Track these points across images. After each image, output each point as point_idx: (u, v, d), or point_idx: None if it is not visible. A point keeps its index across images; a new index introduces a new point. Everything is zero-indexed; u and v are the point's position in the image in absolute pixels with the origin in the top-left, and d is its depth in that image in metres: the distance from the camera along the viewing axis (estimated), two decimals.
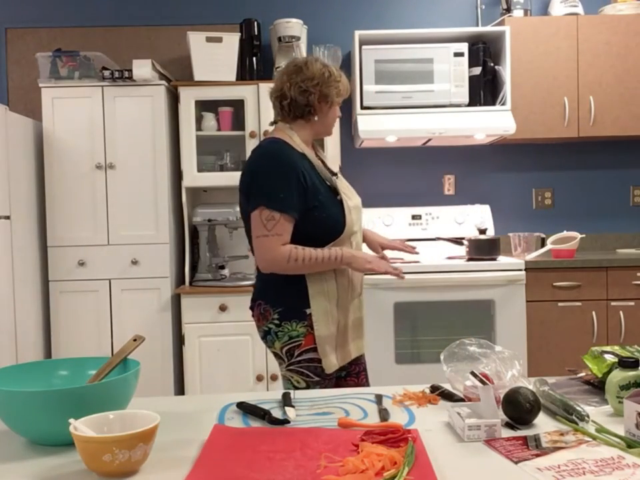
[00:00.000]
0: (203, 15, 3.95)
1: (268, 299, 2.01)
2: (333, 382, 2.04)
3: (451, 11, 4.01)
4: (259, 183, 1.93)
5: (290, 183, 1.90)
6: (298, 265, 1.91)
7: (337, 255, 1.93)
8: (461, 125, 3.53)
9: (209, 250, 3.58)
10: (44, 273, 3.47)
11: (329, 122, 2.08)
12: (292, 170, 1.92)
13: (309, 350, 1.98)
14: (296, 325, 1.98)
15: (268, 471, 1.07)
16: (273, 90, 2.04)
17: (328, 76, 1.99)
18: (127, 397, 1.28)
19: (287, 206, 1.90)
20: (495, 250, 3.48)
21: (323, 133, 2.12)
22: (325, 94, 2.00)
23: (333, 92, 2.01)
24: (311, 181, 1.94)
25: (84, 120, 3.43)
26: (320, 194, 1.95)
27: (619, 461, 1.09)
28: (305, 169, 1.94)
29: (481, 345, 1.54)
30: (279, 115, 2.05)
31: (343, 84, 2.04)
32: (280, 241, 1.91)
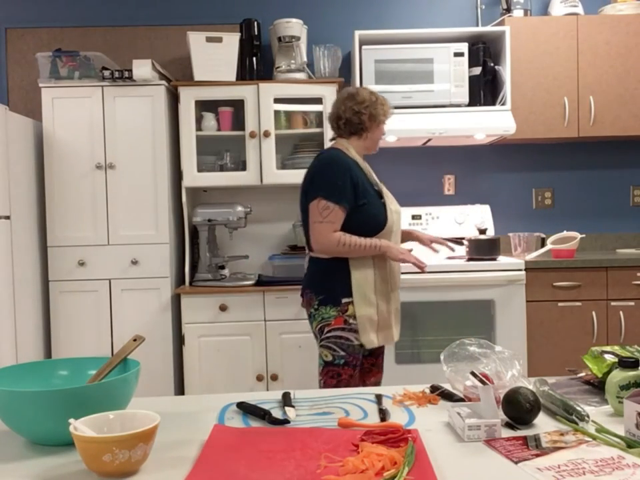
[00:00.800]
0: (203, 14, 3.95)
1: (313, 288, 2.45)
2: (358, 359, 2.43)
3: (450, 10, 4.01)
4: (319, 179, 2.37)
5: (344, 181, 2.34)
6: (345, 248, 2.33)
7: (377, 244, 2.36)
8: (461, 124, 3.53)
9: (209, 250, 3.58)
10: (44, 272, 3.47)
11: (376, 138, 2.51)
12: (346, 170, 2.36)
13: (336, 329, 2.40)
14: (330, 309, 2.40)
15: (268, 471, 1.07)
16: (330, 114, 2.53)
17: (375, 100, 2.46)
18: (127, 397, 1.28)
19: (340, 199, 2.33)
20: (494, 250, 3.48)
21: (371, 148, 2.54)
22: (374, 114, 2.45)
23: (380, 112, 2.45)
24: (361, 183, 2.37)
25: (84, 120, 3.43)
26: (369, 194, 2.38)
27: (619, 460, 1.09)
28: (356, 173, 2.38)
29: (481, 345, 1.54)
30: (336, 133, 2.52)
31: (387, 106, 2.49)
32: (332, 228, 2.34)
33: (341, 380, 2.41)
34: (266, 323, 3.40)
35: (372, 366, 2.60)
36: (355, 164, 2.41)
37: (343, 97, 2.49)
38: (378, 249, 2.36)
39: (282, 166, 3.66)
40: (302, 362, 3.37)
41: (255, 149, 3.53)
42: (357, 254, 2.36)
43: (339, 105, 2.48)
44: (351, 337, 2.40)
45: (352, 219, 2.36)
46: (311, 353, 3.36)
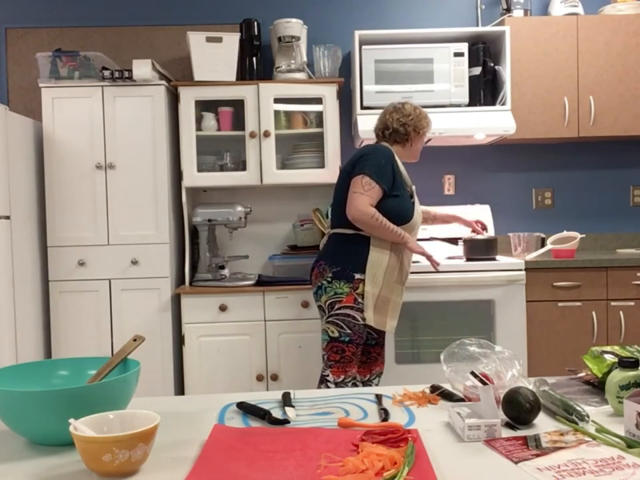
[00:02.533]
0: (202, 15, 3.95)
1: (328, 260, 2.66)
2: (362, 339, 2.65)
3: (451, 10, 4.01)
4: (366, 160, 2.63)
5: (387, 166, 2.62)
6: (376, 223, 2.56)
7: (402, 233, 2.62)
8: (461, 124, 3.53)
9: (209, 250, 3.58)
10: (44, 272, 3.47)
11: (417, 147, 2.80)
12: (390, 158, 2.66)
13: (347, 307, 2.61)
14: (343, 284, 2.61)
15: (268, 471, 1.07)
16: (377, 125, 2.83)
17: (419, 114, 2.76)
18: (127, 397, 1.28)
19: (381, 179, 2.59)
20: (491, 250, 3.48)
21: (411, 157, 2.83)
22: (418, 126, 2.75)
23: (423, 124, 2.76)
24: (400, 176, 2.66)
25: (84, 120, 3.43)
26: (403, 190, 2.67)
27: (619, 460, 1.09)
28: (398, 166, 2.67)
29: (481, 345, 1.54)
30: (380, 141, 2.81)
31: (428, 119, 2.80)
32: (369, 201, 2.57)
33: (344, 356, 2.63)
34: (266, 322, 3.40)
35: (378, 355, 2.88)
36: (397, 163, 2.70)
37: (389, 110, 2.79)
38: (402, 237, 2.61)
39: (282, 166, 3.66)
40: (302, 362, 3.37)
41: (254, 149, 3.53)
42: (383, 233, 2.59)
43: (386, 116, 2.78)
44: (358, 316, 2.62)
45: (385, 204, 2.61)
46: (311, 353, 3.36)
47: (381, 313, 2.67)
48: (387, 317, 2.70)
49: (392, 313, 2.72)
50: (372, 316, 2.63)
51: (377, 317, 2.66)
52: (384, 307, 2.67)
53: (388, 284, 2.66)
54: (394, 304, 2.71)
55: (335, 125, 3.54)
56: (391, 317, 2.73)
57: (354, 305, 2.62)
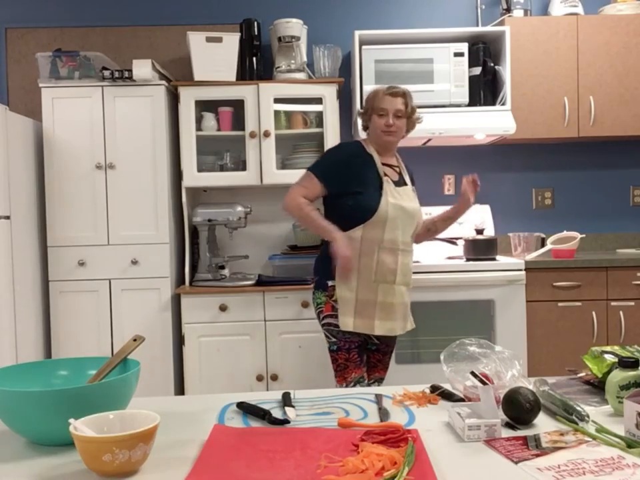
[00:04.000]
0: (203, 14, 3.95)
1: (314, 269, 2.65)
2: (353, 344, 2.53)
3: (450, 11, 4.01)
4: (317, 159, 2.65)
5: (335, 161, 2.54)
6: (302, 214, 2.49)
7: (329, 230, 2.46)
8: (461, 124, 3.53)
9: (209, 250, 3.58)
10: (44, 273, 3.47)
11: (375, 128, 2.57)
12: (343, 154, 2.55)
13: (327, 316, 2.55)
14: (321, 293, 2.57)
15: (268, 471, 1.07)
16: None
17: (370, 93, 2.62)
18: (127, 397, 1.28)
19: (321, 172, 2.51)
20: (491, 250, 3.48)
21: (376, 140, 2.59)
22: (367, 107, 2.60)
23: (370, 104, 2.59)
24: (362, 173, 2.51)
25: (84, 120, 3.42)
26: (367, 186, 2.49)
27: (619, 460, 1.09)
28: (358, 162, 2.53)
29: (481, 345, 1.54)
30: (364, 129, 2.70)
31: (380, 93, 2.58)
32: (301, 192, 2.50)
33: (339, 364, 2.56)
34: (266, 322, 3.40)
35: (378, 362, 2.72)
36: (366, 155, 2.56)
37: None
38: (329, 233, 2.46)
39: (282, 166, 3.66)
40: (302, 362, 3.37)
41: (254, 149, 3.53)
42: (310, 226, 2.56)
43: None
44: (337, 322, 2.53)
45: (342, 202, 2.50)
46: (311, 353, 3.36)
47: (365, 316, 2.51)
48: (375, 319, 2.51)
49: (383, 314, 2.52)
50: (348, 321, 2.50)
51: (361, 321, 2.50)
52: (368, 309, 2.50)
53: (365, 285, 2.49)
54: (383, 305, 2.52)
55: (335, 125, 3.54)
56: (383, 318, 2.53)
57: (332, 312, 2.53)
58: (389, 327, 2.55)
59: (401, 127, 2.57)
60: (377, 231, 2.48)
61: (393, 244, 2.50)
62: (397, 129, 2.55)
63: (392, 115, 2.53)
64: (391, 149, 2.63)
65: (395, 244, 2.51)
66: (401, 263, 2.53)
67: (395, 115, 2.54)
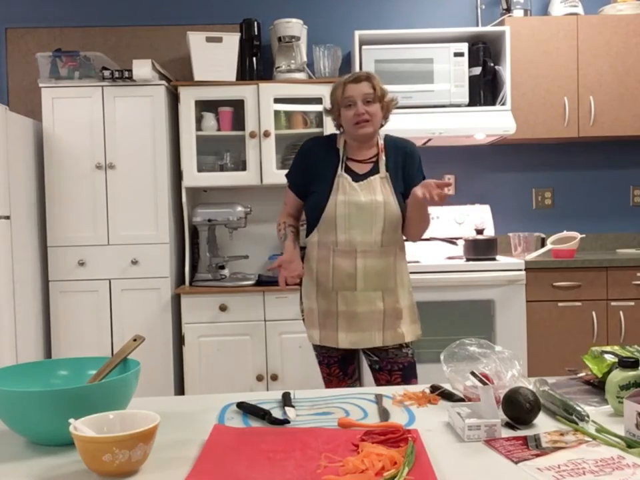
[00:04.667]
0: (203, 14, 3.95)
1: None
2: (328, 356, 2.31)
3: (450, 10, 4.01)
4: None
5: (295, 162, 2.34)
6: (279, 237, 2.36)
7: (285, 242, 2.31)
8: (461, 124, 3.52)
9: (209, 250, 3.58)
10: (44, 272, 3.47)
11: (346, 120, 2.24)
12: (299, 153, 2.33)
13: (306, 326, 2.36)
14: (300, 304, 2.39)
15: (268, 471, 1.07)
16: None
17: (332, 87, 2.30)
18: (127, 397, 1.28)
19: (291, 181, 2.34)
20: (491, 250, 3.48)
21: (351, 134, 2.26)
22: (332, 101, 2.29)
23: (332, 97, 2.29)
24: (318, 171, 2.26)
25: (84, 120, 3.42)
26: (321, 184, 2.23)
27: (619, 460, 1.09)
28: (313, 158, 2.28)
29: (481, 345, 1.54)
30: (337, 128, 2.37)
31: (340, 83, 2.26)
32: (284, 211, 2.39)
33: (323, 377, 2.38)
34: (266, 323, 3.40)
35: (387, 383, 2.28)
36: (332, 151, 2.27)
37: None
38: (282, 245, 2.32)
39: (282, 166, 3.66)
40: (302, 362, 3.37)
41: (254, 149, 3.53)
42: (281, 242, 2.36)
43: None
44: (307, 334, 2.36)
45: (305, 204, 2.32)
46: (311, 353, 3.35)
47: (328, 328, 2.25)
48: (338, 330, 2.23)
49: (346, 325, 2.21)
50: (314, 333, 2.30)
51: (325, 333, 2.26)
52: (330, 320, 2.24)
53: (324, 294, 2.25)
54: (345, 315, 2.21)
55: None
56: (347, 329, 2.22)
57: (305, 324, 2.38)
58: (356, 338, 2.22)
59: (375, 112, 2.21)
60: (330, 234, 2.22)
61: (349, 245, 2.19)
62: (371, 116, 2.20)
63: (360, 101, 2.19)
64: (367, 141, 2.27)
65: (351, 245, 2.18)
66: (363, 266, 2.19)
67: (363, 101, 2.19)
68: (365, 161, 2.27)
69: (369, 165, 2.26)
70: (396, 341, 2.24)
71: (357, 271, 2.19)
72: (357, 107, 2.19)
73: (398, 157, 2.28)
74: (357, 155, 2.28)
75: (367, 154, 2.28)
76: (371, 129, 2.22)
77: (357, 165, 2.26)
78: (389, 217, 2.20)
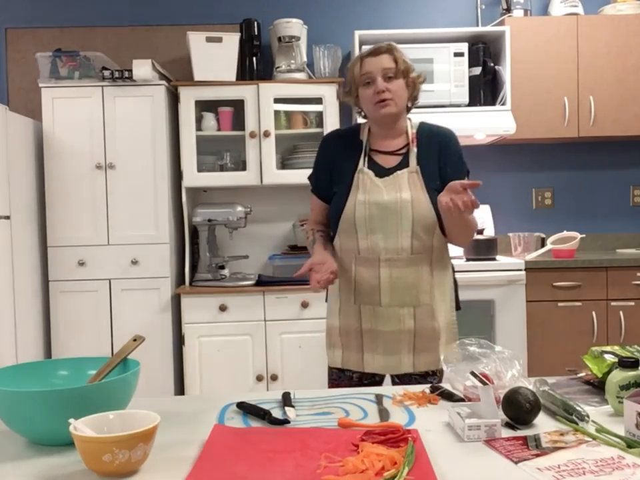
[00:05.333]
0: (203, 14, 3.95)
1: None
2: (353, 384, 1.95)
3: (450, 11, 4.01)
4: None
5: (316, 161, 2.06)
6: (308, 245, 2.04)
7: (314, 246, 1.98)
8: (460, 124, 3.52)
9: (209, 250, 3.58)
10: (44, 272, 3.47)
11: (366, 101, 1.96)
12: (319, 150, 2.06)
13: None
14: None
15: (268, 471, 1.07)
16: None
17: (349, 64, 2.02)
18: (127, 397, 1.28)
19: (314, 184, 2.06)
20: (491, 250, 3.48)
21: (372, 116, 1.99)
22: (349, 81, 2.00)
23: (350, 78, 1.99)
24: (339, 167, 1.98)
25: (84, 120, 3.42)
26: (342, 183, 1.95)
27: (619, 460, 1.09)
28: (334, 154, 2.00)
29: (481, 345, 1.54)
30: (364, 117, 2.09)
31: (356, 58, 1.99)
32: (311, 218, 2.08)
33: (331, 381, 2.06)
34: (266, 322, 3.40)
35: None
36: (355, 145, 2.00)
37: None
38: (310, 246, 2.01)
39: (282, 166, 3.66)
40: (302, 362, 3.37)
41: (254, 149, 3.53)
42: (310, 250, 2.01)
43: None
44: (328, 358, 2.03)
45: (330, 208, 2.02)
46: (311, 353, 3.36)
47: (352, 349, 1.95)
48: (364, 351, 1.93)
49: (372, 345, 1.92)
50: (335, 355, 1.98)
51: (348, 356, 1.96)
52: (355, 339, 1.94)
53: (347, 310, 1.96)
54: (370, 333, 1.92)
55: (334, 125, 3.53)
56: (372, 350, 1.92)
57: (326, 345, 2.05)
58: (382, 363, 1.91)
59: (398, 90, 1.93)
60: (351, 240, 1.93)
61: (371, 253, 1.90)
62: (393, 94, 1.91)
63: (380, 77, 1.91)
64: (394, 125, 1.98)
65: (374, 253, 1.89)
66: (388, 277, 1.88)
67: (384, 76, 1.91)
68: (392, 153, 1.97)
69: (397, 158, 1.96)
70: (430, 367, 1.92)
71: (381, 283, 1.89)
72: (377, 83, 1.90)
73: (432, 148, 2.00)
74: (383, 145, 1.98)
75: (394, 144, 1.98)
76: (394, 109, 1.92)
77: (383, 157, 1.96)
78: (420, 219, 1.89)
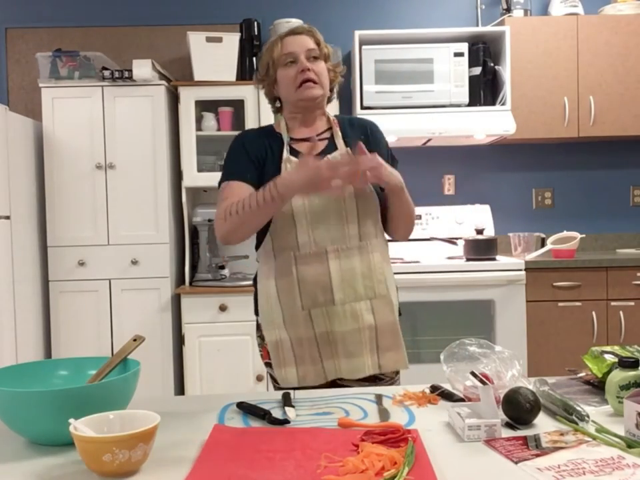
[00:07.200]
0: (203, 14, 3.95)
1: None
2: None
3: (450, 10, 4.01)
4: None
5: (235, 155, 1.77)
6: (234, 218, 1.63)
7: (269, 186, 1.57)
8: (460, 124, 3.53)
9: (209, 250, 3.58)
10: (44, 273, 3.47)
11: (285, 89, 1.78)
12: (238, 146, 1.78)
13: (266, 364, 1.79)
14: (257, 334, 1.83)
15: (268, 471, 1.07)
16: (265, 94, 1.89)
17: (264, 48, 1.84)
18: (127, 397, 1.28)
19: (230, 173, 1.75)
20: (491, 250, 3.48)
21: (295, 102, 1.78)
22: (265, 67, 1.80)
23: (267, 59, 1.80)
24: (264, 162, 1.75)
25: (84, 120, 3.42)
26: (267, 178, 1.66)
27: (619, 460, 1.09)
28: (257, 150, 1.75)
29: (481, 345, 1.53)
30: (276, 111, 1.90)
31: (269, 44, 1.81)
32: (224, 205, 1.67)
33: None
34: None
35: None
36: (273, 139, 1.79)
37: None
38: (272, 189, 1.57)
39: None
40: None
41: None
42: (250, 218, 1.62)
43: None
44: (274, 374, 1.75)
45: None
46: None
47: (309, 362, 1.71)
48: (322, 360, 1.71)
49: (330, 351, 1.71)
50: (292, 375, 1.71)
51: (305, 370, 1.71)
52: (307, 352, 1.70)
53: (293, 318, 1.70)
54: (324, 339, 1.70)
55: None
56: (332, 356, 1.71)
57: (268, 359, 1.76)
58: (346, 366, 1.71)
59: (323, 72, 1.79)
60: (288, 237, 1.70)
61: (315, 247, 1.69)
62: (319, 75, 1.76)
63: (304, 56, 1.74)
64: (314, 110, 1.81)
65: (319, 246, 1.69)
66: (338, 270, 1.68)
67: (307, 57, 1.75)
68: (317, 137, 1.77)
69: (322, 143, 1.78)
70: (398, 366, 1.82)
71: (332, 278, 1.68)
72: (301, 61, 1.73)
73: (357, 134, 1.83)
74: (302, 132, 1.80)
75: (315, 128, 1.81)
76: (320, 90, 1.77)
77: (305, 145, 1.75)
78: (363, 202, 1.74)
